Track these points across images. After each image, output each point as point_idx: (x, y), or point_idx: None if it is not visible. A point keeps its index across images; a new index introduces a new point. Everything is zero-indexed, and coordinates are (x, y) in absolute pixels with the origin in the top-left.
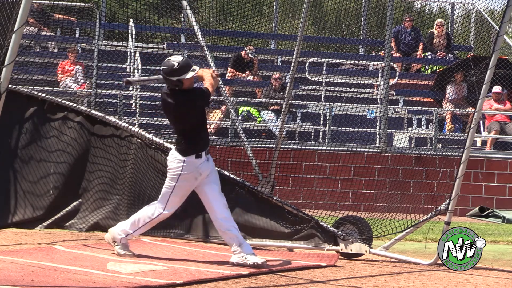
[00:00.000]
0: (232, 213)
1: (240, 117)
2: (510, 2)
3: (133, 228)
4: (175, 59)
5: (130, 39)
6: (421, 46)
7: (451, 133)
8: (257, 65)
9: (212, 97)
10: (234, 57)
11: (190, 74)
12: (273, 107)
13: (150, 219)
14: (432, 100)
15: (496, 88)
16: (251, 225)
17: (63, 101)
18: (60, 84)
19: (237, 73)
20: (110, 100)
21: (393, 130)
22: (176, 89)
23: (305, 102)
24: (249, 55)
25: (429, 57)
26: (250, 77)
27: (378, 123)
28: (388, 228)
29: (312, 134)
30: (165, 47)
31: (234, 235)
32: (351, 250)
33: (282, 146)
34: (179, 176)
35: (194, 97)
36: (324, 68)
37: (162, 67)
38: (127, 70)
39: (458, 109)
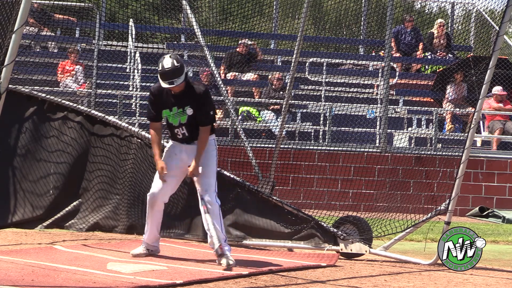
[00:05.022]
0: (232, 213)
1: (240, 117)
2: (510, 2)
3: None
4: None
5: (130, 39)
6: (421, 46)
7: (451, 133)
8: (260, 54)
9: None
10: (229, 57)
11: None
12: (273, 107)
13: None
14: (432, 100)
15: (498, 89)
16: (251, 225)
17: (63, 101)
18: (60, 84)
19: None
20: (110, 100)
21: (393, 130)
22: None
23: (305, 102)
24: (247, 42)
25: (429, 57)
26: (250, 74)
27: (378, 123)
28: (388, 228)
29: (312, 134)
30: (165, 47)
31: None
32: (351, 250)
33: (282, 146)
34: None
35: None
36: (324, 68)
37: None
38: (127, 70)
39: (458, 109)
